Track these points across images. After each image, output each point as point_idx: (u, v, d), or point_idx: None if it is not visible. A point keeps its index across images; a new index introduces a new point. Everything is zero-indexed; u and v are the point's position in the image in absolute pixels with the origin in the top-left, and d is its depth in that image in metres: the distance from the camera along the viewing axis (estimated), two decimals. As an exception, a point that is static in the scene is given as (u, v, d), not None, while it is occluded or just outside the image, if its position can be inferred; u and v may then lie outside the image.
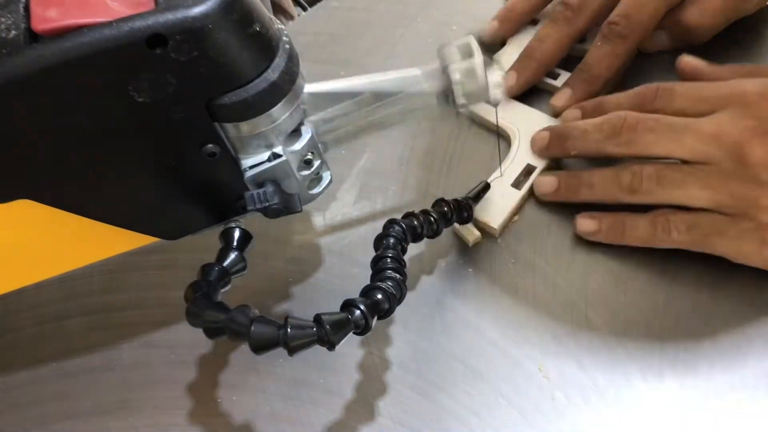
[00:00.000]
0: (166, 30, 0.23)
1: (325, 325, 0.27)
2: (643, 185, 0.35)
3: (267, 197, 0.29)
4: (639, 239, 0.36)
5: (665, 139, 0.35)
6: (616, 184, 0.36)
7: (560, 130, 0.40)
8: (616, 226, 0.37)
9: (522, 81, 0.44)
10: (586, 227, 0.38)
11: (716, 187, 0.34)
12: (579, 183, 0.38)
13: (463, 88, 0.30)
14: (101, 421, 0.37)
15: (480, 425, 0.34)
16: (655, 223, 0.36)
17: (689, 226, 0.35)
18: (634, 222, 0.36)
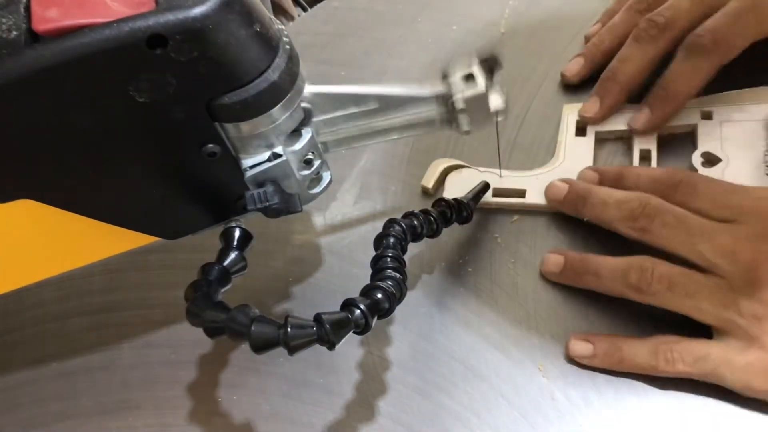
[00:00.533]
0: (167, 30, 0.23)
1: (326, 324, 0.27)
2: (653, 287, 0.33)
3: (267, 197, 0.29)
4: (639, 368, 0.33)
5: (679, 241, 0.34)
6: (623, 281, 0.34)
7: (581, 190, 0.38)
8: (612, 352, 0.34)
9: (606, 107, 0.42)
10: (579, 351, 0.35)
11: (727, 305, 0.32)
12: (585, 269, 0.36)
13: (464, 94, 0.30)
14: (101, 421, 0.37)
15: (480, 425, 0.34)
16: (657, 352, 0.33)
17: (697, 358, 0.32)
18: (634, 349, 0.34)
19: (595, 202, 0.37)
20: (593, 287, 0.36)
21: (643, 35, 0.41)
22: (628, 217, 0.35)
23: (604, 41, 0.45)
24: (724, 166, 0.39)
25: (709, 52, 0.39)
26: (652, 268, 0.34)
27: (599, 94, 0.43)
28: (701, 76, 0.40)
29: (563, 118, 0.44)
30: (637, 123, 0.41)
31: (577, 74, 0.46)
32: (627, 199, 0.36)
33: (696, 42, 0.40)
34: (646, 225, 0.34)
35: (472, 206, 0.38)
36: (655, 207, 0.35)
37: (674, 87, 0.40)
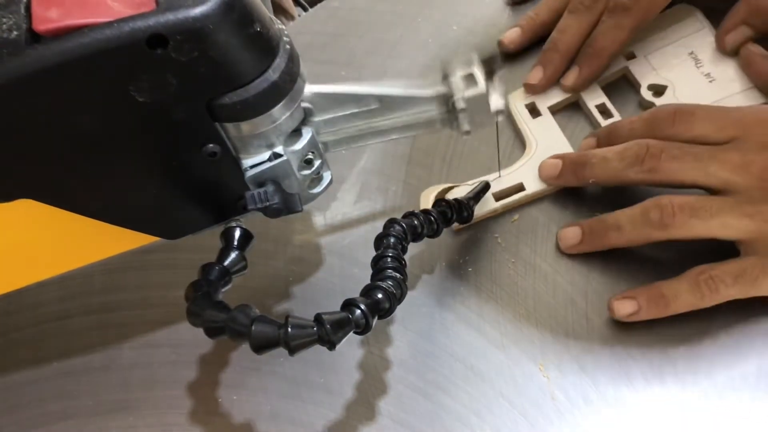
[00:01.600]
0: (167, 30, 0.23)
1: (326, 324, 0.27)
2: (676, 218, 0.34)
3: (267, 197, 0.29)
4: (685, 305, 0.34)
5: (690, 168, 0.34)
6: (646, 222, 0.35)
7: (577, 157, 0.39)
8: (655, 299, 0.35)
9: (549, 74, 0.44)
10: (624, 310, 0.35)
11: (752, 215, 0.33)
12: (605, 227, 0.37)
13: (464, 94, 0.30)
14: (102, 421, 0.37)
15: (480, 424, 0.34)
16: (698, 284, 0.34)
17: (736, 275, 0.33)
18: (674, 289, 0.34)
19: (596, 161, 0.37)
20: (619, 243, 0.37)
21: (579, 7, 0.43)
22: (634, 162, 0.36)
23: (540, 14, 0.47)
24: (672, 90, 0.42)
25: (629, 9, 0.41)
26: (669, 200, 0.34)
27: (542, 63, 0.44)
28: (624, 32, 0.42)
29: (512, 107, 0.44)
30: (568, 80, 0.43)
31: (513, 42, 0.47)
32: (627, 146, 0.36)
33: (617, 3, 0.41)
34: (654, 164, 0.35)
35: (473, 206, 0.38)
36: (658, 145, 0.35)
37: (600, 44, 0.42)
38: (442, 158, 0.44)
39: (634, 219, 0.35)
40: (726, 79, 0.41)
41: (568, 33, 0.44)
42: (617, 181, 0.37)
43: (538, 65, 0.44)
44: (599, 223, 0.37)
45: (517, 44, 0.47)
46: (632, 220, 0.36)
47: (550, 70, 0.44)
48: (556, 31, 0.44)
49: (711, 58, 0.42)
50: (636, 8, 0.41)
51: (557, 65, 0.44)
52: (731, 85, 0.41)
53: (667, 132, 0.36)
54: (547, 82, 0.44)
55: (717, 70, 0.41)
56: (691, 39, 0.43)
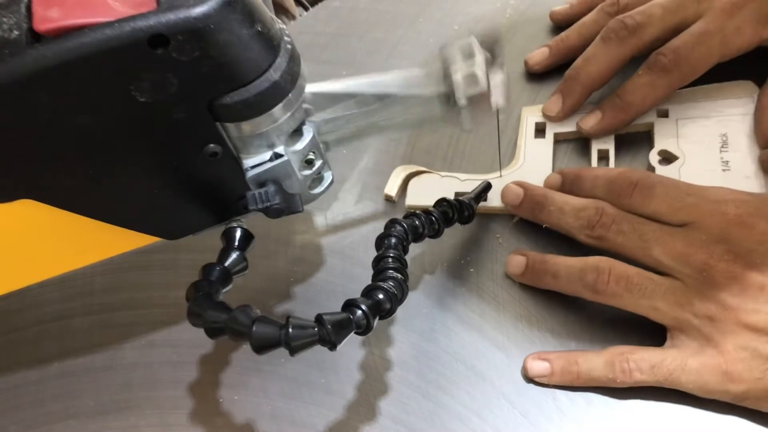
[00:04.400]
0: (168, 30, 0.23)
1: (327, 325, 0.27)
2: (609, 287, 0.34)
3: (268, 197, 0.29)
4: (596, 381, 0.33)
5: (634, 246, 0.34)
6: (580, 281, 0.35)
7: (537, 196, 0.38)
8: (568, 367, 0.34)
9: (568, 106, 0.42)
10: (537, 371, 0.34)
11: (682, 305, 0.32)
12: (544, 270, 0.36)
13: (465, 88, 0.30)
14: (103, 421, 0.37)
15: (481, 425, 0.34)
16: (613, 364, 0.33)
17: (652, 365, 0.32)
18: (589, 363, 0.34)
19: (553, 209, 0.37)
20: (552, 288, 0.37)
21: (612, 36, 0.41)
22: (585, 226, 0.36)
23: (570, 37, 0.46)
24: (680, 164, 0.39)
25: (669, 72, 0.40)
26: (609, 268, 0.34)
27: (562, 92, 0.43)
28: (658, 93, 0.40)
29: (522, 121, 0.44)
30: (586, 125, 0.42)
31: (539, 63, 0.46)
32: (584, 206, 0.36)
33: (658, 60, 0.40)
34: (602, 233, 0.35)
35: (474, 206, 0.38)
36: (610, 215, 0.35)
37: (629, 99, 0.41)
38: (443, 158, 0.44)
39: (571, 273, 0.35)
40: (741, 175, 0.38)
41: (594, 63, 0.42)
42: (567, 234, 0.37)
43: (558, 94, 0.43)
44: (541, 264, 0.37)
45: (542, 66, 0.46)
46: (569, 275, 0.35)
47: (569, 101, 0.42)
48: (581, 58, 0.43)
49: (740, 146, 0.39)
50: (676, 72, 0.40)
51: (577, 97, 0.42)
52: (744, 181, 0.37)
53: (624, 201, 0.36)
54: (564, 115, 0.43)
55: (738, 162, 0.38)
56: (732, 120, 0.40)
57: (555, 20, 0.49)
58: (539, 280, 0.37)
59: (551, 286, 0.37)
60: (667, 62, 0.40)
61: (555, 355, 0.35)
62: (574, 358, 0.34)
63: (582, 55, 0.43)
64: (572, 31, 0.46)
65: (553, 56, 0.46)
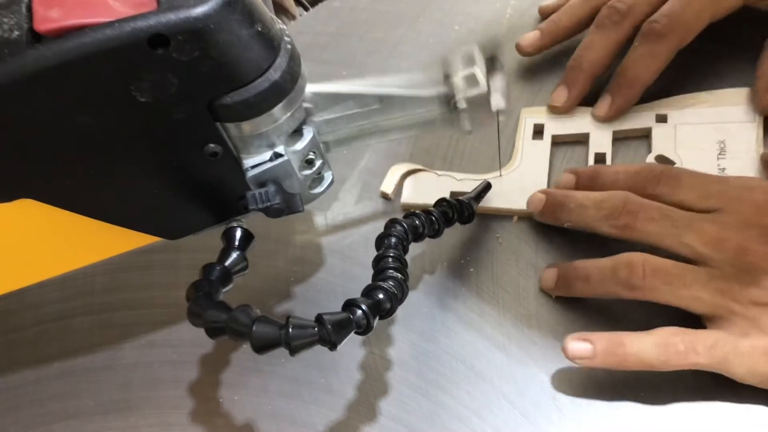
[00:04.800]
0: (168, 30, 0.23)
1: (327, 324, 0.27)
2: (646, 282, 0.32)
3: (269, 197, 0.29)
4: (646, 363, 0.31)
5: (666, 233, 0.33)
6: (614, 279, 0.33)
7: (557, 197, 0.38)
8: (615, 349, 0.32)
9: (574, 95, 0.42)
10: (577, 352, 0.32)
11: (723, 292, 0.32)
12: (575, 276, 0.35)
13: (465, 90, 0.30)
14: (103, 421, 0.37)
15: (481, 425, 0.34)
16: (666, 345, 0.31)
17: (708, 346, 0.31)
18: (638, 344, 0.32)
19: (573, 206, 0.36)
20: (587, 294, 0.35)
21: (606, 22, 0.42)
22: (610, 215, 0.35)
23: (561, 19, 0.46)
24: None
25: (664, 36, 0.40)
26: (642, 261, 0.33)
27: (567, 83, 0.43)
28: (659, 60, 0.41)
29: (521, 122, 0.44)
30: (601, 111, 0.42)
31: (532, 45, 0.46)
32: (606, 197, 0.35)
33: (651, 28, 0.40)
34: (629, 221, 0.34)
35: (474, 206, 0.38)
36: (637, 202, 0.34)
37: (633, 73, 0.41)
38: (443, 158, 0.44)
39: (603, 273, 0.34)
40: None
41: (593, 50, 0.42)
42: (591, 230, 0.36)
43: (563, 85, 0.43)
44: (571, 270, 0.36)
45: (535, 48, 0.46)
46: (601, 274, 0.34)
47: (575, 90, 0.42)
48: (581, 47, 0.43)
49: (737, 154, 0.39)
50: (671, 35, 0.40)
51: (582, 85, 0.42)
52: None
53: (650, 191, 0.35)
54: (571, 104, 0.43)
55: (735, 169, 0.38)
56: (731, 127, 0.40)
57: (545, 14, 0.49)
58: (572, 288, 0.36)
59: (585, 293, 0.35)
60: (660, 27, 0.40)
61: (598, 335, 0.32)
62: (620, 338, 0.32)
63: (581, 45, 0.43)
64: (563, 12, 0.46)
65: (544, 38, 0.46)
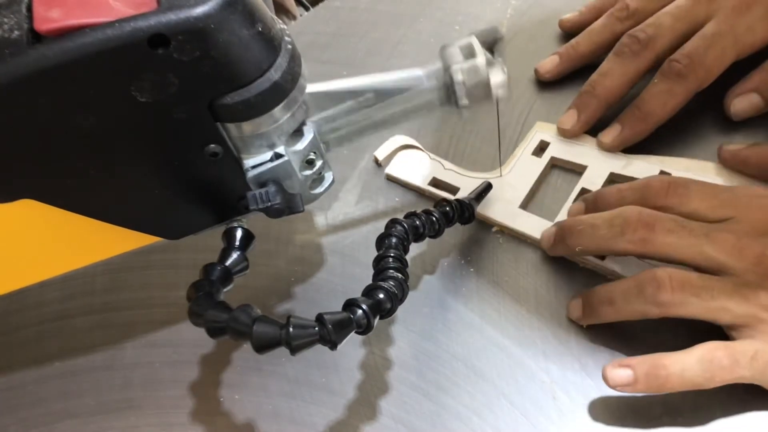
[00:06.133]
0: (168, 30, 0.23)
1: (327, 324, 0.27)
2: (675, 297, 0.31)
3: (269, 197, 0.29)
4: (688, 383, 0.30)
5: (686, 244, 0.32)
6: (641, 297, 0.32)
7: (566, 225, 0.36)
8: (656, 372, 0.31)
9: (584, 120, 0.42)
10: (618, 380, 0.31)
11: (749, 299, 0.31)
12: (599, 301, 0.34)
13: (466, 88, 0.30)
14: (104, 420, 0.37)
15: (481, 425, 0.34)
16: (711, 361, 0.30)
17: (751, 356, 0.30)
18: (680, 364, 0.31)
19: (582, 227, 0.35)
20: (614, 318, 0.34)
21: (625, 51, 0.41)
22: (624, 231, 0.33)
23: (580, 44, 0.45)
24: None
25: (684, 77, 0.39)
26: (668, 276, 0.32)
27: (577, 107, 0.42)
28: (676, 100, 0.40)
29: (530, 134, 0.43)
30: (607, 138, 0.41)
31: (550, 71, 0.46)
32: (617, 213, 0.34)
33: (672, 67, 0.39)
34: (645, 235, 0.33)
35: (475, 206, 0.38)
36: (651, 215, 0.33)
37: (648, 108, 0.40)
38: (443, 157, 0.44)
39: (628, 293, 0.33)
40: None
41: (610, 77, 0.41)
42: (604, 251, 0.35)
43: (573, 108, 0.42)
44: (594, 296, 0.35)
45: (553, 74, 0.45)
46: (625, 294, 0.33)
47: (585, 115, 0.41)
48: (597, 73, 0.42)
49: None
50: (691, 76, 0.39)
51: (593, 111, 0.41)
52: None
53: (660, 203, 0.34)
54: (580, 128, 0.42)
55: None
56: None
57: (564, 28, 0.49)
58: (598, 314, 0.34)
59: (612, 317, 0.34)
60: (681, 68, 0.39)
61: (637, 360, 0.31)
62: (660, 360, 0.31)
63: (597, 70, 0.42)
64: (582, 37, 0.45)
65: (564, 63, 0.45)
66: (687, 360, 0.31)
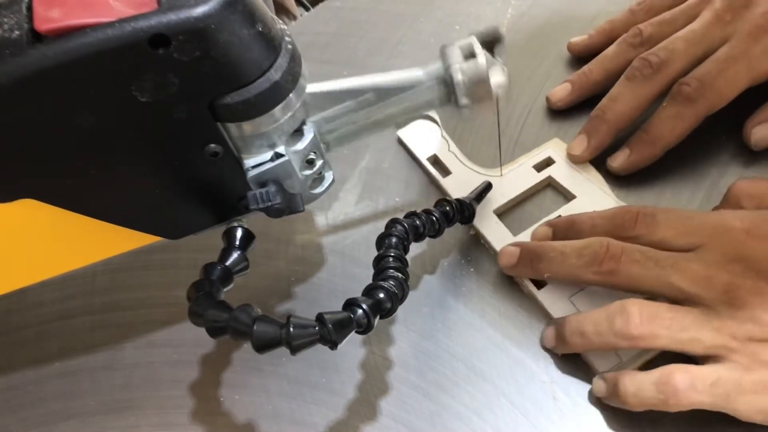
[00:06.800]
0: (169, 30, 0.23)
1: (328, 324, 0.27)
2: (645, 329, 0.31)
3: (269, 197, 0.29)
4: (644, 403, 0.31)
5: (652, 275, 0.32)
6: (611, 331, 0.32)
7: (534, 249, 0.36)
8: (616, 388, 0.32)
9: (593, 146, 0.41)
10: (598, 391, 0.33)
11: (719, 329, 0.31)
12: (571, 331, 0.34)
13: (466, 88, 0.30)
14: (104, 420, 0.37)
15: (481, 425, 0.34)
16: (666, 383, 0.30)
17: (710, 383, 0.30)
18: (638, 383, 0.31)
19: (554, 255, 0.35)
20: (587, 348, 0.34)
21: (637, 75, 0.40)
22: (592, 262, 0.34)
23: (592, 71, 0.44)
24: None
25: (694, 101, 0.38)
26: (637, 308, 0.32)
27: (587, 132, 0.41)
28: (685, 124, 0.39)
29: (541, 147, 0.42)
30: (615, 161, 0.40)
31: (562, 100, 0.45)
32: (587, 244, 0.34)
33: (681, 90, 0.39)
34: (612, 266, 0.33)
35: (475, 206, 0.38)
36: (618, 246, 0.33)
37: (656, 132, 0.40)
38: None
39: (599, 326, 0.33)
40: None
41: (620, 102, 0.40)
42: (573, 279, 0.35)
43: (583, 134, 0.41)
44: (566, 327, 0.34)
45: (565, 102, 0.45)
46: (596, 327, 0.33)
47: (595, 141, 0.41)
48: (607, 97, 0.41)
49: None
50: (701, 100, 0.38)
51: (603, 136, 0.41)
52: None
53: (629, 233, 0.34)
54: (590, 154, 0.41)
55: None
56: None
57: (573, 52, 0.48)
58: (570, 345, 0.34)
59: (584, 348, 0.34)
60: (691, 91, 0.38)
61: (610, 375, 0.33)
62: (622, 377, 0.32)
63: (607, 95, 0.41)
64: (595, 64, 0.44)
65: (576, 92, 0.44)
66: (644, 380, 0.31)
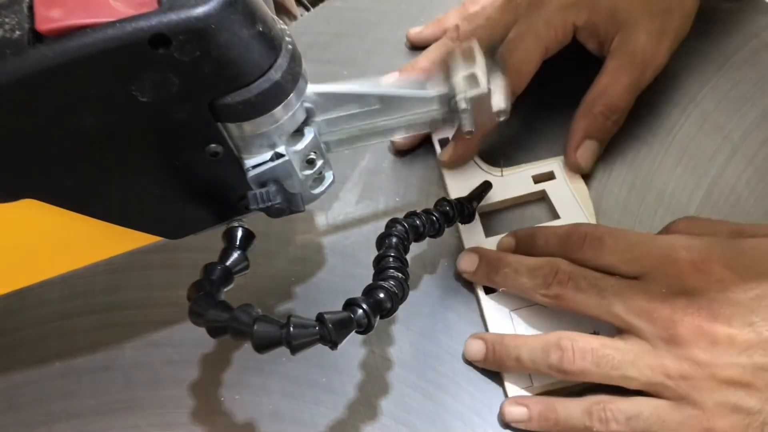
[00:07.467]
0: (169, 30, 0.23)
1: (328, 324, 0.27)
2: (576, 365, 0.32)
3: (270, 197, 0.29)
4: (574, 429, 0.32)
5: (593, 304, 0.33)
6: (545, 362, 0.33)
7: (491, 260, 0.37)
8: (548, 414, 0.33)
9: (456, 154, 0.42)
10: (514, 415, 0.33)
11: (653, 368, 0.31)
12: (506, 353, 0.34)
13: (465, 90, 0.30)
14: (104, 420, 0.37)
15: (482, 425, 0.34)
16: (591, 413, 0.32)
17: (629, 416, 0.31)
18: (568, 410, 0.32)
19: (507, 271, 0.36)
20: (518, 371, 0.35)
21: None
22: (541, 285, 0.34)
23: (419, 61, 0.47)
24: None
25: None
26: (571, 343, 0.32)
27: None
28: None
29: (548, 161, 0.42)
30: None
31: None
32: (539, 265, 0.35)
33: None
34: (559, 292, 0.34)
35: (475, 206, 0.38)
36: (565, 272, 0.34)
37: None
38: (444, 158, 0.44)
39: (534, 354, 0.33)
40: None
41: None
42: (525, 297, 0.36)
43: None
44: (501, 347, 0.35)
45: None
46: (532, 355, 0.33)
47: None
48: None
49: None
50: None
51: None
52: None
53: (577, 255, 0.35)
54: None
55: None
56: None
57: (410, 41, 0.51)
58: (503, 366, 0.35)
59: (516, 370, 0.35)
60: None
61: (534, 400, 0.34)
62: (553, 404, 0.33)
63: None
64: (421, 59, 0.47)
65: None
66: (574, 408, 0.32)
